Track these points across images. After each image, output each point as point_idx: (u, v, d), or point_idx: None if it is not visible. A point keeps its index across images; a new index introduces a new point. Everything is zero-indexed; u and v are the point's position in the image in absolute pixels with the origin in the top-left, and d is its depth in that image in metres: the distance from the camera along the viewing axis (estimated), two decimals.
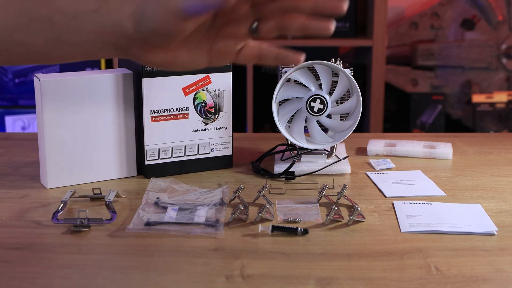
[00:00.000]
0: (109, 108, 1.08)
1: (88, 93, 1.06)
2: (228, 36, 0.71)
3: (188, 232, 0.90)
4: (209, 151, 1.15)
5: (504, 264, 0.82)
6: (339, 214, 0.95)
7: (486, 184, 1.11)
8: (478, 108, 2.84)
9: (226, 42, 0.71)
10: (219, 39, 0.71)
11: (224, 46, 0.72)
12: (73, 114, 1.06)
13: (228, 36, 0.71)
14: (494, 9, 2.83)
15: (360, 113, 1.12)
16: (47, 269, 0.80)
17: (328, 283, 0.77)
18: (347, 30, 2.53)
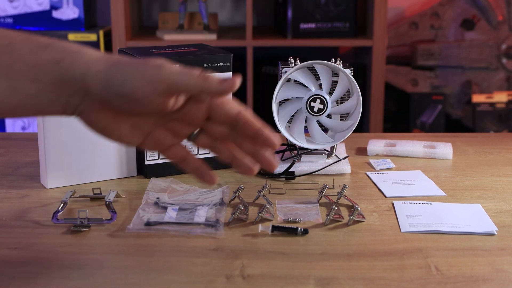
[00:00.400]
0: None
1: None
2: (171, 130, 0.74)
3: (188, 232, 0.90)
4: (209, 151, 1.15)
5: (504, 264, 0.82)
6: (339, 214, 0.95)
7: (486, 184, 1.11)
8: (478, 108, 2.84)
9: (166, 134, 0.74)
10: (162, 129, 0.74)
11: (163, 137, 0.74)
12: None
13: (171, 130, 0.74)
14: (494, 9, 2.83)
15: (360, 113, 1.12)
16: (47, 269, 0.80)
17: (328, 283, 0.77)
18: (347, 30, 2.53)
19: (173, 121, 0.73)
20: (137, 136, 0.74)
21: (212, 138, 0.75)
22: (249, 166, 0.74)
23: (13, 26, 2.48)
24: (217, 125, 0.74)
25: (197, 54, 1.12)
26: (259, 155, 0.73)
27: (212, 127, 0.74)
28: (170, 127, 0.74)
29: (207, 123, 0.74)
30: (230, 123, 0.73)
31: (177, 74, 0.68)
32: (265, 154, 0.73)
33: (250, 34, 2.47)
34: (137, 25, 2.70)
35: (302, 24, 2.50)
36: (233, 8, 2.88)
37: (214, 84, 0.69)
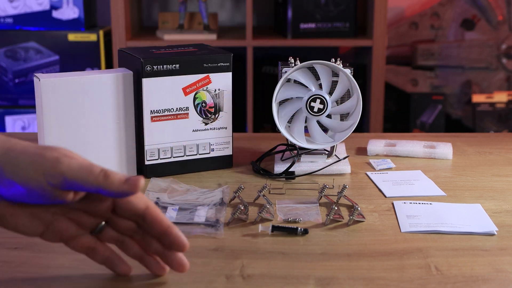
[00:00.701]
0: (109, 108, 1.08)
1: (88, 93, 1.06)
2: (74, 221, 0.70)
3: (188, 232, 0.90)
4: (209, 151, 1.15)
5: (504, 264, 0.82)
6: (339, 214, 0.95)
7: (486, 184, 1.11)
8: (478, 108, 2.84)
9: (68, 225, 0.70)
10: (64, 219, 0.70)
11: (65, 227, 0.70)
12: (73, 114, 1.06)
13: (74, 221, 0.70)
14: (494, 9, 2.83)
15: (360, 113, 1.12)
16: (47, 269, 0.80)
17: (328, 283, 0.77)
18: (347, 30, 2.53)
19: (75, 212, 0.70)
20: (36, 226, 0.69)
21: (119, 233, 0.71)
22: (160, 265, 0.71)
23: (13, 26, 2.48)
24: (123, 220, 0.70)
25: (197, 54, 1.12)
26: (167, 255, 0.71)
27: (118, 221, 0.70)
28: (72, 217, 0.70)
29: (113, 216, 0.70)
30: (137, 219, 0.69)
31: (75, 170, 0.65)
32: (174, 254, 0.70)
33: (250, 34, 2.47)
34: (137, 25, 2.70)
35: (302, 24, 2.50)
36: (233, 8, 2.88)
37: (116, 184, 0.65)
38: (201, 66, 1.11)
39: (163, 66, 1.09)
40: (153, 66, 1.08)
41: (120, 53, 1.16)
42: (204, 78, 1.12)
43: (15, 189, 0.65)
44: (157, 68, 1.08)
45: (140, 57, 1.08)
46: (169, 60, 1.09)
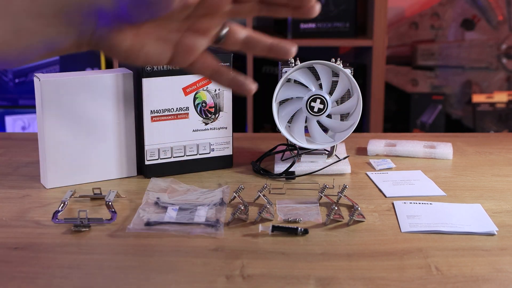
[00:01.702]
0: (109, 108, 1.08)
1: (88, 93, 1.06)
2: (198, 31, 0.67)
3: (188, 232, 0.90)
4: (209, 151, 1.15)
5: (504, 264, 0.82)
6: (339, 214, 0.95)
7: (486, 184, 1.11)
8: (478, 108, 2.84)
9: (195, 37, 0.67)
10: (189, 33, 0.67)
11: (192, 42, 0.67)
12: (73, 114, 1.06)
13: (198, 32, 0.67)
14: (494, 9, 2.83)
15: (360, 113, 1.12)
16: (47, 269, 0.80)
17: (328, 283, 0.77)
18: (347, 30, 2.53)
19: (198, 20, 0.67)
20: (165, 49, 0.67)
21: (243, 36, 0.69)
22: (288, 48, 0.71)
23: None
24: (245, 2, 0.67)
25: None
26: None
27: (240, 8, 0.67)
28: (196, 28, 0.67)
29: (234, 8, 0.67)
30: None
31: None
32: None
33: None
34: None
35: (302, 24, 2.50)
36: None
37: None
38: None
39: (163, 66, 1.09)
40: (153, 66, 1.08)
41: None
42: (204, 78, 1.12)
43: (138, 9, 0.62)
44: (157, 68, 1.08)
45: None
46: None
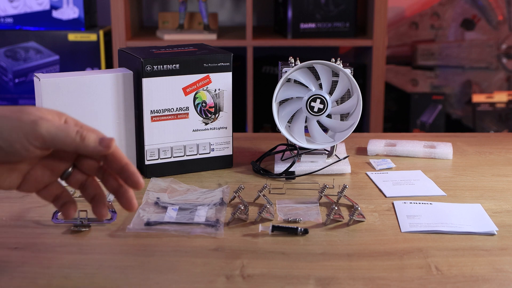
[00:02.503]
0: (109, 108, 1.08)
1: (88, 93, 1.06)
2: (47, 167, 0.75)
3: (188, 232, 0.90)
4: (209, 151, 1.15)
5: (504, 264, 0.82)
6: (339, 214, 0.95)
7: (486, 184, 1.11)
8: (478, 108, 2.84)
9: (43, 172, 0.75)
10: (38, 167, 0.74)
11: (40, 175, 0.75)
12: (73, 114, 1.05)
13: (47, 168, 0.75)
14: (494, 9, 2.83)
15: (360, 113, 1.12)
16: (47, 269, 0.80)
17: (328, 283, 0.77)
18: (347, 30, 2.53)
19: (48, 159, 0.75)
20: (15, 178, 0.74)
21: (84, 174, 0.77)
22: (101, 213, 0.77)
23: (13, 26, 2.48)
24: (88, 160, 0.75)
25: (197, 54, 1.12)
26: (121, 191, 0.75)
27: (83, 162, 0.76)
28: (45, 164, 0.75)
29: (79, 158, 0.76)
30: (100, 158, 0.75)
31: (53, 133, 0.70)
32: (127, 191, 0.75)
33: (250, 34, 2.47)
34: (137, 25, 2.70)
35: (302, 24, 2.50)
36: (233, 8, 2.87)
37: (91, 146, 0.71)
38: (201, 66, 1.11)
39: (163, 66, 1.09)
40: (153, 66, 1.08)
41: (120, 53, 1.16)
42: (204, 78, 1.12)
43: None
44: (157, 68, 1.08)
45: (140, 57, 1.08)
46: (169, 60, 1.09)
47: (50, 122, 0.70)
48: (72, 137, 0.70)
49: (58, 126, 0.70)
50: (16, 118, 0.69)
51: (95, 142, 0.71)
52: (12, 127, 0.69)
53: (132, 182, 0.74)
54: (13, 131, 0.69)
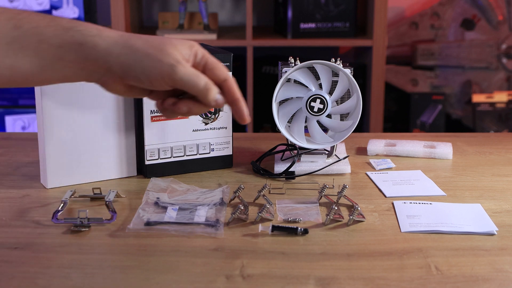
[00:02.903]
0: (109, 108, 1.08)
1: (88, 93, 1.06)
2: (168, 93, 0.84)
3: (188, 232, 0.90)
4: (209, 151, 1.15)
5: (504, 264, 0.82)
6: (339, 214, 0.95)
7: (486, 184, 1.11)
8: (478, 108, 2.84)
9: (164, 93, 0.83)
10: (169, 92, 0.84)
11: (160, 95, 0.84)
12: (73, 114, 1.06)
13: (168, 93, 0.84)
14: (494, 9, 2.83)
15: (360, 113, 1.12)
16: (47, 269, 0.80)
17: (328, 283, 0.77)
18: (347, 30, 2.53)
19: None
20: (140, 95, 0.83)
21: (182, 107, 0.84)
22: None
23: None
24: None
25: None
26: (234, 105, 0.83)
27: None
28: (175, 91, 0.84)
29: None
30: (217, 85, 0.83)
31: (186, 79, 0.78)
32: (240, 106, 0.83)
33: (250, 34, 2.47)
34: (137, 25, 2.70)
35: (302, 24, 2.50)
36: (233, 8, 2.88)
37: (210, 98, 0.80)
38: None
39: None
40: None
41: None
42: None
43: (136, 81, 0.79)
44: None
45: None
46: None
47: (186, 69, 0.78)
48: (200, 88, 0.79)
49: (191, 74, 0.78)
50: (158, 59, 0.77)
51: (213, 98, 0.80)
52: (154, 67, 0.77)
53: (238, 117, 0.82)
54: (154, 70, 0.77)
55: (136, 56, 0.78)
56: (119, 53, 0.78)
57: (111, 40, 0.78)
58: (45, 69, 0.79)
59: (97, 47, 0.78)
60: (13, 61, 0.78)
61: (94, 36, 0.78)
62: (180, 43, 0.80)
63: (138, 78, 0.79)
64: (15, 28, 0.78)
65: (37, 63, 0.79)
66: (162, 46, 0.79)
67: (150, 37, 0.80)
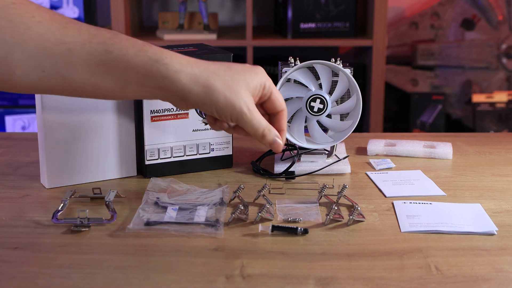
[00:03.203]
0: (109, 108, 1.08)
1: None
2: None
3: (188, 232, 0.90)
4: (209, 151, 1.15)
5: (504, 264, 0.82)
6: (339, 214, 0.95)
7: (486, 184, 1.11)
8: (478, 108, 2.85)
9: None
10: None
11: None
12: (73, 114, 1.06)
13: None
14: (494, 9, 2.83)
15: (360, 113, 1.12)
16: (47, 269, 0.80)
17: (328, 283, 0.77)
18: (347, 30, 2.53)
19: None
20: None
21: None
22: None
23: None
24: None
25: (197, 54, 1.12)
26: None
27: None
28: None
29: None
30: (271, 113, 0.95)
31: (249, 126, 0.89)
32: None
33: (250, 34, 2.47)
34: (137, 25, 2.70)
35: (302, 24, 2.50)
36: (233, 8, 2.88)
37: (265, 142, 0.91)
38: None
39: None
40: None
41: None
42: None
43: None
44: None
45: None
46: None
47: (252, 117, 0.89)
48: (257, 135, 0.90)
49: (254, 122, 0.89)
50: (232, 103, 0.87)
51: (268, 142, 0.92)
52: (226, 109, 0.87)
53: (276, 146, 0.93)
54: (226, 111, 0.87)
55: (213, 97, 0.86)
56: (198, 92, 0.86)
57: (192, 78, 0.86)
58: (126, 90, 0.86)
59: (178, 83, 0.85)
60: (98, 81, 0.85)
61: (177, 72, 0.85)
62: (253, 77, 0.89)
63: (210, 112, 0.89)
64: (105, 52, 0.84)
65: (120, 85, 0.86)
66: (238, 87, 0.88)
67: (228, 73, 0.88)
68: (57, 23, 0.84)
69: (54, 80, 0.84)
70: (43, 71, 0.83)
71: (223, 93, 0.87)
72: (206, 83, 0.87)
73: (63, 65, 0.83)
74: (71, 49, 0.83)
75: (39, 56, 0.82)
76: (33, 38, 0.82)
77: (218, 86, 0.87)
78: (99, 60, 0.83)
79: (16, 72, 0.82)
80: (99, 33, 0.85)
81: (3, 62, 0.82)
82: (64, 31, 0.83)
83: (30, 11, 0.83)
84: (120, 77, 0.84)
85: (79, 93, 0.87)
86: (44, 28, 0.82)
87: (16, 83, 0.84)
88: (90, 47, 0.83)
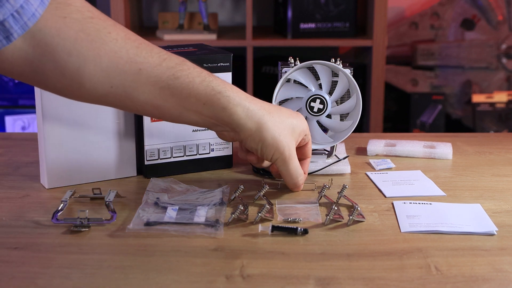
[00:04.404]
0: (109, 108, 1.08)
1: None
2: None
3: (188, 232, 0.90)
4: (209, 151, 1.15)
5: (504, 264, 0.82)
6: (339, 214, 0.95)
7: (486, 184, 1.11)
8: (478, 108, 2.85)
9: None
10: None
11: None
12: (73, 114, 1.06)
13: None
14: (494, 9, 2.83)
15: (360, 113, 1.12)
16: (47, 269, 0.80)
17: (328, 283, 0.77)
18: (347, 30, 2.53)
19: None
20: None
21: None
22: None
23: None
24: None
25: (197, 54, 1.12)
26: None
27: None
28: None
29: None
30: None
31: (285, 173, 0.99)
32: None
33: (250, 34, 2.47)
34: (137, 25, 2.70)
35: (302, 24, 2.50)
36: (233, 8, 2.88)
37: (295, 188, 1.03)
38: (201, 66, 1.11)
39: None
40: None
41: None
42: None
43: None
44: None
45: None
46: None
47: (291, 165, 0.98)
48: (292, 179, 1.00)
49: (291, 171, 0.98)
50: (279, 150, 0.95)
51: (295, 187, 1.03)
52: (271, 152, 0.95)
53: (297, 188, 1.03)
54: (269, 154, 0.96)
55: (262, 135, 0.93)
56: (251, 127, 0.92)
57: (249, 113, 0.92)
58: (183, 114, 0.91)
59: (235, 115, 0.91)
60: (160, 103, 0.89)
61: (236, 105, 0.91)
62: (298, 124, 0.97)
63: (255, 148, 0.95)
64: (173, 77, 0.88)
65: (179, 110, 0.90)
66: (285, 131, 0.95)
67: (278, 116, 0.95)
68: (131, 42, 0.86)
69: (119, 96, 0.87)
70: (111, 87, 0.85)
71: (272, 133, 0.93)
72: (260, 120, 0.92)
73: (131, 84, 0.86)
74: (142, 70, 0.86)
75: (111, 72, 0.84)
76: (108, 54, 0.83)
77: (269, 125, 0.93)
78: (165, 83, 0.87)
79: (86, 84, 0.84)
80: (169, 57, 0.88)
81: (75, 73, 0.83)
82: (137, 51, 0.85)
83: (107, 27, 0.84)
84: (181, 102, 0.89)
85: (139, 111, 0.91)
86: (119, 46, 0.84)
87: (83, 93, 0.86)
88: (160, 70, 0.86)
